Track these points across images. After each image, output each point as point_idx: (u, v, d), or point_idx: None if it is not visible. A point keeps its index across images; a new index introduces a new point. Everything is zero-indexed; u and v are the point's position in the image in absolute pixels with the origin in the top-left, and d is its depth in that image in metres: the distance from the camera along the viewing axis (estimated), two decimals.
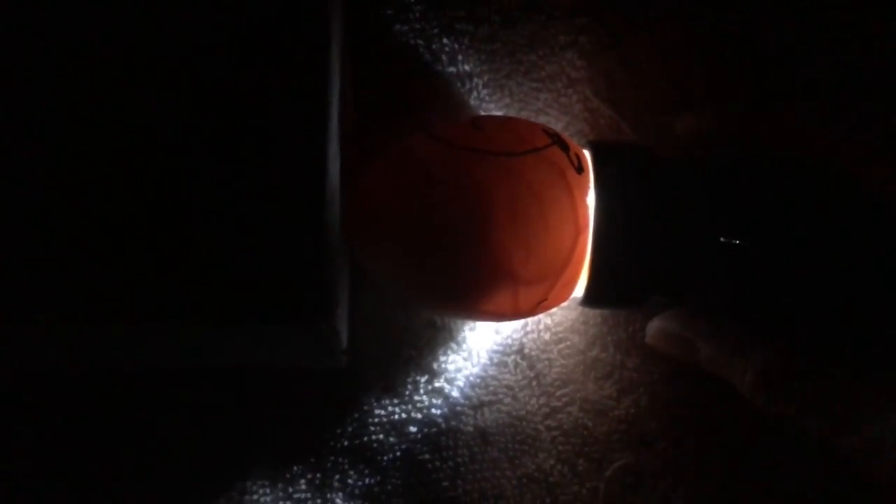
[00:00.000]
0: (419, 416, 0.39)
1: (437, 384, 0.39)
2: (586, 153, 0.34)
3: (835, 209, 0.33)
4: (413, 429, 0.39)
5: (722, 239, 0.33)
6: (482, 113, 0.40)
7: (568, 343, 0.39)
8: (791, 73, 0.40)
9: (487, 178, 0.32)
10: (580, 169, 0.33)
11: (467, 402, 0.39)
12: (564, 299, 0.34)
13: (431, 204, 0.32)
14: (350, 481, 0.39)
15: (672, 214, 0.33)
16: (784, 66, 0.40)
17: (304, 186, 0.27)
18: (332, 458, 0.39)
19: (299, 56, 0.28)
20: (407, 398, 0.39)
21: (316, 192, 0.27)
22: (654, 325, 0.37)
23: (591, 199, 0.33)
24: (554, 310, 0.39)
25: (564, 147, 0.33)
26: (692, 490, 0.39)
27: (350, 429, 0.39)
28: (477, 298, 0.33)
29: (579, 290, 0.35)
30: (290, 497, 0.38)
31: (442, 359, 0.39)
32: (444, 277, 0.32)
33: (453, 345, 0.39)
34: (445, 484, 0.39)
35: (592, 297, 0.34)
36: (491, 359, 0.39)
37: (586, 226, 0.33)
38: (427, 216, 0.32)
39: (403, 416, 0.39)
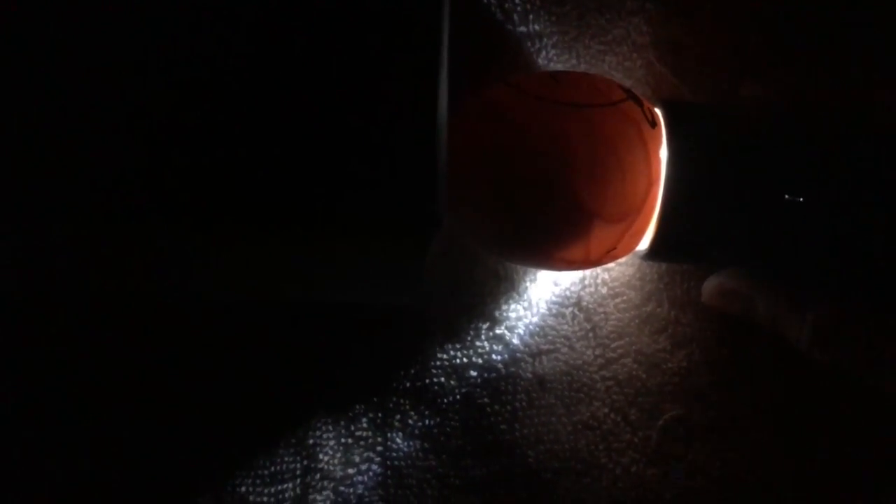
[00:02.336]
0: (479, 361, 0.40)
1: (497, 331, 0.40)
2: (658, 111, 0.35)
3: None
4: (473, 373, 0.40)
5: (787, 196, 0.35)
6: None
7: (624, 297, 0.41)
8: (857, 40, 0.41)
9: (568, 127, 0.33)
10: (653, 124, 0.34)
11: (526, 349, 0.40)
12: (632, 249, 0.36)
13: (512, 151, 0.33)
14: (410, 422, 0.40)
15: (740, 171, 0.34)
16: (850, 33, 0.41)
17: (418, 104, 0.28)
18: (393, 398, 0.40)
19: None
20: (468, 343, 0.40)
21: (429, 112, 0.28)
22: (711, 282, 0.39)
23: (662, 153, 0.34)
24: (611, 265, 0.41)
25: (639, 102, 0.34)
26: (742, 443, 0.40)
27: (413, 371, 0.40)
28: (552, 244, 0.34)
29: (642, 245, 0.36)
30: (351, 434, 0.40)
31: (503, 307, 0.40)
32: (523, 221, 0.33)
33: (514, 294, 0.41)
34: (503, 427, 0.40)
35: (657, 249, 0.36)
36: (550, 309, 0.41)
37: (658, 178, 0.34)
38: (508, 163, 0.33)
39: (464, 360, 0.40)
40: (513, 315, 0.40)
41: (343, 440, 0.40)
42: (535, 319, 0.40)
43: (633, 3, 0.41)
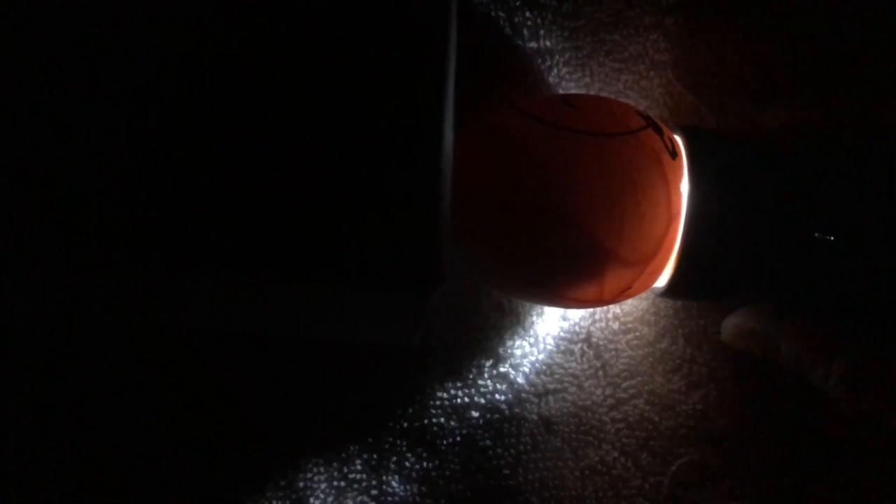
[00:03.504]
0: (482, 400, 0.38)
1: (501, 369, 0.38)
2: (678, 139, 0.33)
3: None
4: (475, 413, 0.38)
5: (817, 235, 0.32)
6: (561, 91, 0.38)
7: (637, 334, 0.38)
8: (881, 63, 0.38)
9: (580, 158, 0.30)
10: (674, 154, 0.32)
11: (532, 389, 0.38)
12: (648, 288, 0.33)
13: (521, 182, 0.30)
14: (407, 464, 0.38)
15: (767, 207, 0.32)
16: (874, 56, 0.39)
17: (422, 154, 0.26)
18: (390, 439, 0.38)
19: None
20: (471, 382, 0.38)
21: (433, 163, 0.26)
22: (731, 322, 0.36)
23: (684, 186, 0.32)
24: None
25: (659, 130, 0.32)
26: (757, 490, 0.38)
27: (410, 410, 0.38)
28: (563, 283, 0.31)
29: (660, 281, 0.34)
30: (344, 477, 0.37)
31: (508, 343, 0.38)
32: (530, 258, 0.31)
33: (520, 329, 0.38)
34: (506, 472, 0.38)
35: (677, 288, 0.33)
36: (557, 346, 0.38)
37: (678, 213, 0.31)
38: (517, 195, 0.30)
39: (466, 400, 0.38)
40: (518, 352, 0.38)
41: (335, 483, 0.37)
42: (541, 356, 0.38)
43: (651, 19, 0.39)
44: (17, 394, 0.36)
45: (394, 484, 0.37)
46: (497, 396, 0.38)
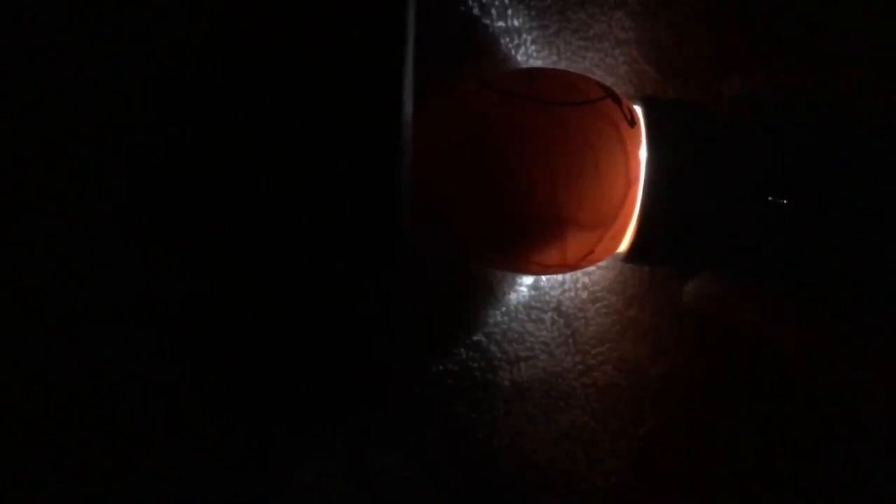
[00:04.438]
0: (456, 368, 0.39)
1: (474, 338, 0.39)
2: (637, 109, 0.34)
3: (884, 172, 0.33)
4: (450, 381, 0.39)
5: (770, 198, 0.33)
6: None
7: (605, 302, 0.40)
8: (838, 35, 0.39)
9: (542, 126, 0.32)
10: (633, 123, 0.33)
11: (504, 356, 0.39)
12: (611, 253, 0.34)
13: (486, 150, 0.32)
14: (386, 433, 0.39)
15: (723, 171, 0.33)
16: (828, 28, 0.40)
17: (381, 109, 0.27)
18: (368, 409, 0.39)
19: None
20: (444, 351, 0.39)
21: (392, 119, 0.27)
22: (692, 285, 0.37)
23: (642, 153, 0.33)
24: (592, 269, 0.39)
25: (618, 100, 0.33)
26: (724, 451, 0.39)
27: (386, 380, 0.39)
28: (527, 246, 0.33)
29: (622, 247, 0.35)
30: (326, 446, 0.38)
31: (481, 313, 0.39)
32: (496, 223, 0.32)
33: (492, 299, 0.39)
34: (480, 437, 0.39)
35: (637, 253, 0.34)
36: (529, 314, 0.39)
37: (637, 179, 0.33)
38: (481, 161, 0.32)
39: (440, 367, 0.39)
40: (490, 321, 0.39)
41: (318, 453, 0.38)
42: (513, 325, 0.39)
43: None
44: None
45: (374, 452, 0.38)
46: (471, 364, 0.39)
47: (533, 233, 0.32)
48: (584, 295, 0.40)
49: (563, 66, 0.40)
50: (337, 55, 0.28)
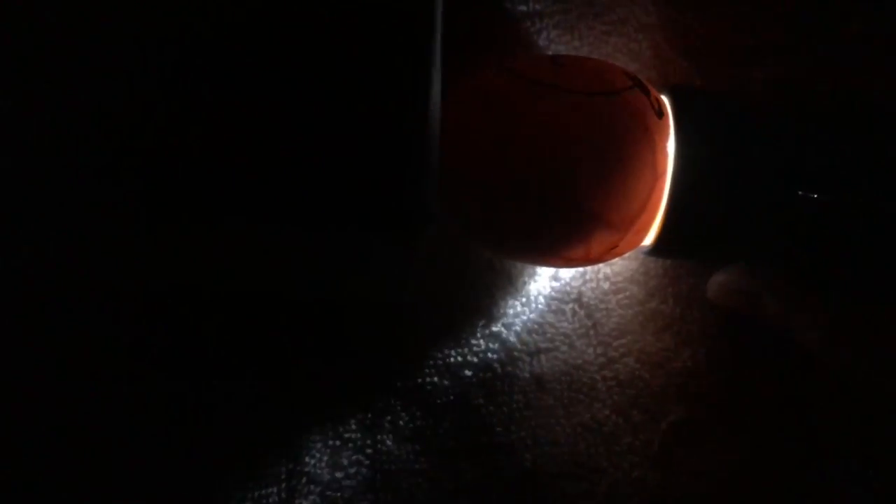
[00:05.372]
0: (475, 359, 0.38)
1: (494, 328, 0.38)
2: (665, 99, 0.33)
3: None
4: (468, 372, 0.38)
5: (801, 192, 0.33)
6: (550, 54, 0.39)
7: (627, 293, 0.39)
8: (872, 24, 0.38)
9: (568, 116, 0.31)
10: (660, 114, 0.32)
11: (524, 348, 0.39)
12: (636, 246, 0.34)
13: (510, 140, 0.31)
14: (401, 423, 0.38)
15: (752, 165, 0.32)
16: (860, 18, 0.39)
17: (409, 94, 0.26)
18: (383, 398, 0.38)
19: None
20: (463, 341, 0.38)
21: (420, 104, 0.26)
22: (716, 279, 0.37)
23: (670, 145, 0.32)
24: (614, 259, 0.38)
25: (645, 91, 0.32)
26: (747, 448, 0.38)
27: (403, 370, 0.38)
28: (551, 240, 0.32)
29: (647, 240, 0.34)
30: (339, 436, 0.38)
31: (500, 303, 0.39)
32: (519, 216, 0.31)
33: (512, 289, 0.39)
34: (499, 429, 0.38)
35: (663, 247, 0.34)
36: (549, 306, 0.39)
37: (664, 172, 0.32)
38: (505, 152, 0.31)
39: (459, 359, 0.38)
40: (510, 311, 0.38)
41: (330, 442, 0.38)
42: (533, 316, 0.39)
43: None
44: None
45: (388, 442, 0.38)
46: (489, 355, 0.38)
47: (557, 226, 0.31)
48: (606, 286, 0.39)
49: (585, 51, 0.39)
50: (365, 41, 0.27)
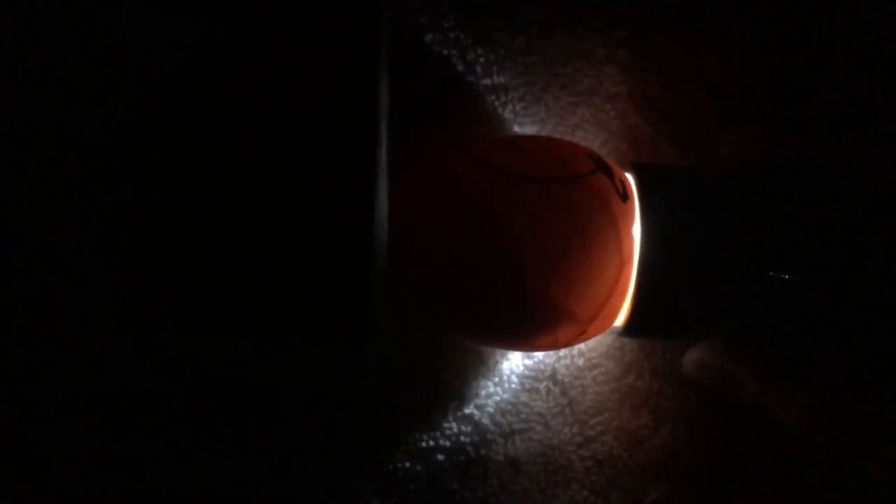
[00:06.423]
0: (447, 443, 0.37)
1: (466, 410, 0.37)
2: (629, 177, 0.32)
3: (886, 244, 0.32)
4: (441, 456, 0.37)
5: (771, 273, 0.32)
6: (517, 128, 0.38)
7: (602, 369, 0.38)
8: (837, 95, 0.38)
9: (527, 204, 0.30)
10: (625, 197, 0.31)
11: (498, 429, 0.38)
12: (605, 329, 0.33)
13: (466, 229, 0.30)
14: None
15: (720, 246, 0.31)
16: (829, 88, 0.38)
17: (355, 203, 0.26)
18: (355, 483, 0.37)
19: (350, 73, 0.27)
20: (435, 424, 0.37)
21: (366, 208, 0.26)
22: (691, 356, 0.36)
23: (636, 229, 0.31)
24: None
25: (609, 173, 0.31)
26: None
27: (375, 454, 0.37)
28: (512, 331, 0.31)
29: (618, 321, 0.33)
30: None
31: (472, 384, 0.38)
32: (477, 307, 0.30)
33: (484, 369, 0.38)
34: None
35: (633, 328, 0.33)
36: (523, 384, 0.38)
37: (630, 258, 0.31)
38: (460, 242, 0.30)
39: (431, 442, 0.37)
40: (482, 392, 0.37)
41: None
42: (506, 396, 0.38)
43: (604, 51, 0.38)
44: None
45: None
46: (462, 438, 0.37)
47: (520, 318, 0.31)
48: (581, 362, 0.38)
49: (552, 122, 0.39)
50: (309, 109, 0.26)
